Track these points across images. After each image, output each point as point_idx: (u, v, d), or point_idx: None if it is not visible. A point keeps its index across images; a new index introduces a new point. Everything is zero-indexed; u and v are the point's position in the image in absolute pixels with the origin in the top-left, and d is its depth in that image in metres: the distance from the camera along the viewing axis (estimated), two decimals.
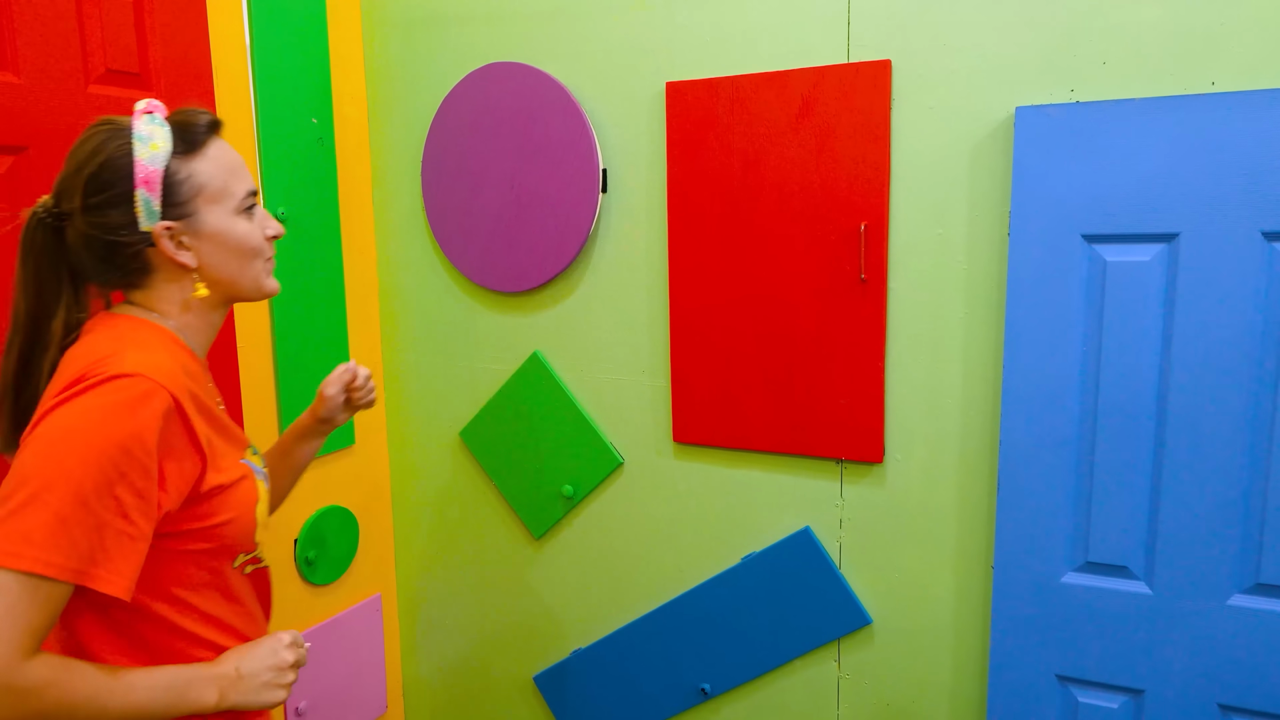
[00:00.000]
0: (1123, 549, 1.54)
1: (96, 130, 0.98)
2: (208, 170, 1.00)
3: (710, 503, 1.93)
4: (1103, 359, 1.51)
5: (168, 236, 0.97)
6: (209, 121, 1.02)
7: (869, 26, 1.64)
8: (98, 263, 0.98)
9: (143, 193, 0.95)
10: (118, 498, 0.87)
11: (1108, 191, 1.48)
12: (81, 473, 0.85)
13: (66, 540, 0.84)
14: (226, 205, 1.02)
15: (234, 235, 1.02)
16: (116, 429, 0.87)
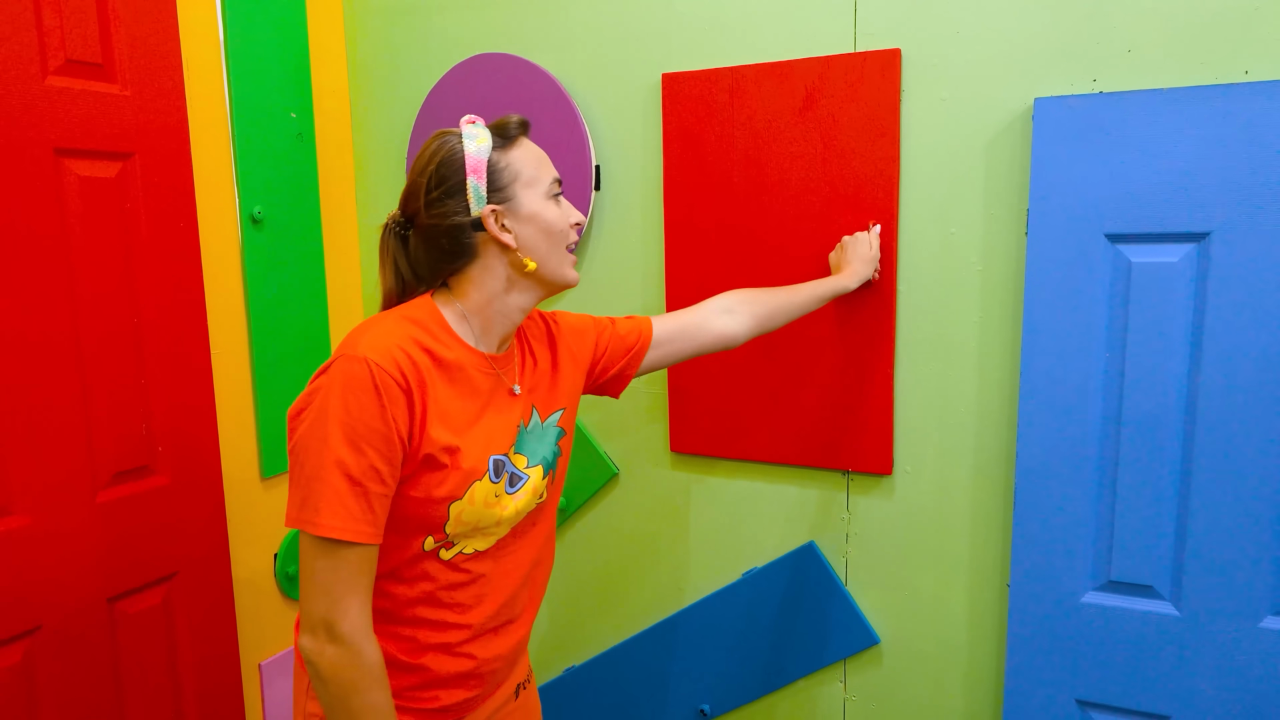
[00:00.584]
0: (1147, 567, 1.45)
1: (432, 141, 1.12)
2: (521, 158, 1.12)
3: (710, 515, 1.84)
4: (1127, 366, 1.42)
5: (493, 218, 1.10)
6: (519, 121, 1.14)
7: (877, 13, 1.55)
8: (437, 253, 1.11)
9: (473, 180, 1.08)
10: (374, 467, 1.01)
11: (1133, 188, 1.39)
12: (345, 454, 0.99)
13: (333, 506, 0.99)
14: (538, 190, 1.13)
15: (545, 216, 1.13)
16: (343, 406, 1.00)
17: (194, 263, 1.69)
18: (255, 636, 1.90)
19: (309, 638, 1.02)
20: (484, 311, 1.14)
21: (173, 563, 1.69)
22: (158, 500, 1.65)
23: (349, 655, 1.02)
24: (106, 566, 1.57)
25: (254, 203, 1.81)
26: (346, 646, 1.01)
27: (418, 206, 1.11)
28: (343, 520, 1.00)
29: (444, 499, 1.08)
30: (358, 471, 1.00)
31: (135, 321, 1.60)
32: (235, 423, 1.82)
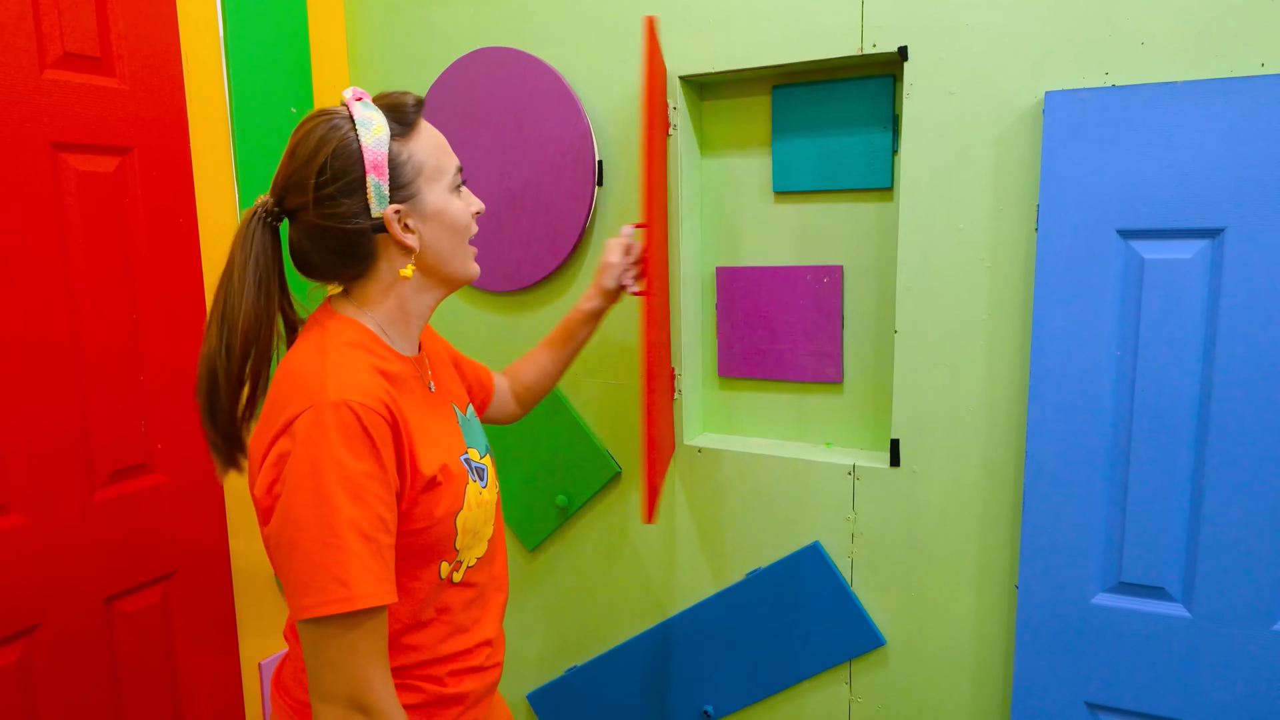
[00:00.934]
0: (1159, 569, 1.42)
1: (315, 122, 0.97)
2: (424, 149, 1.00)
3: (713, 514, 1.82)
4: (1139, 364, 1.40)
5: (396, 220, 0.98)
6: (415, 101, 1.01)
7: (883, 6, 1.53)
8: (329, 256, 0.98)
9: (373, 178, 0.95)
10: (380, 518, 0.91)
11: (1146, 183, 1.36)
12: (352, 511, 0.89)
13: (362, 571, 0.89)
14: (442, 183, 1.02)
15: (450, 212, 1.02)
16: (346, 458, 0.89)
17: (193, 259, 1.68)
18: (255, 635, 1.88)
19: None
20: (399, 318, 1.04)
21: (171, 561, 1.68)
22: (156, 498, 1.64)
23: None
24: (105, 565, 1.56)
25: (253, 198, 1.79)
26: (381, 713, 0.92)
27: (303, 201, 0.96)
28: (373, 585, 0.89)
29: (446, 515, 1.02)
30: (369, 528, 0.89)
31: (134, 318, 1.58)
32: None
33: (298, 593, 0.88)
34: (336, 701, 0.90)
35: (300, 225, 0.99)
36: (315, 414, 0.89)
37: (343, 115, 0.97)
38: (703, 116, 1.83)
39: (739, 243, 1.83)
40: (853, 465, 1.67)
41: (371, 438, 0.91)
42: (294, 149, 0.97)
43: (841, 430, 1.79)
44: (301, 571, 0.88)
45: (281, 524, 0.89)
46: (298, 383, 0.93)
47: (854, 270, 1.73)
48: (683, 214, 1.78)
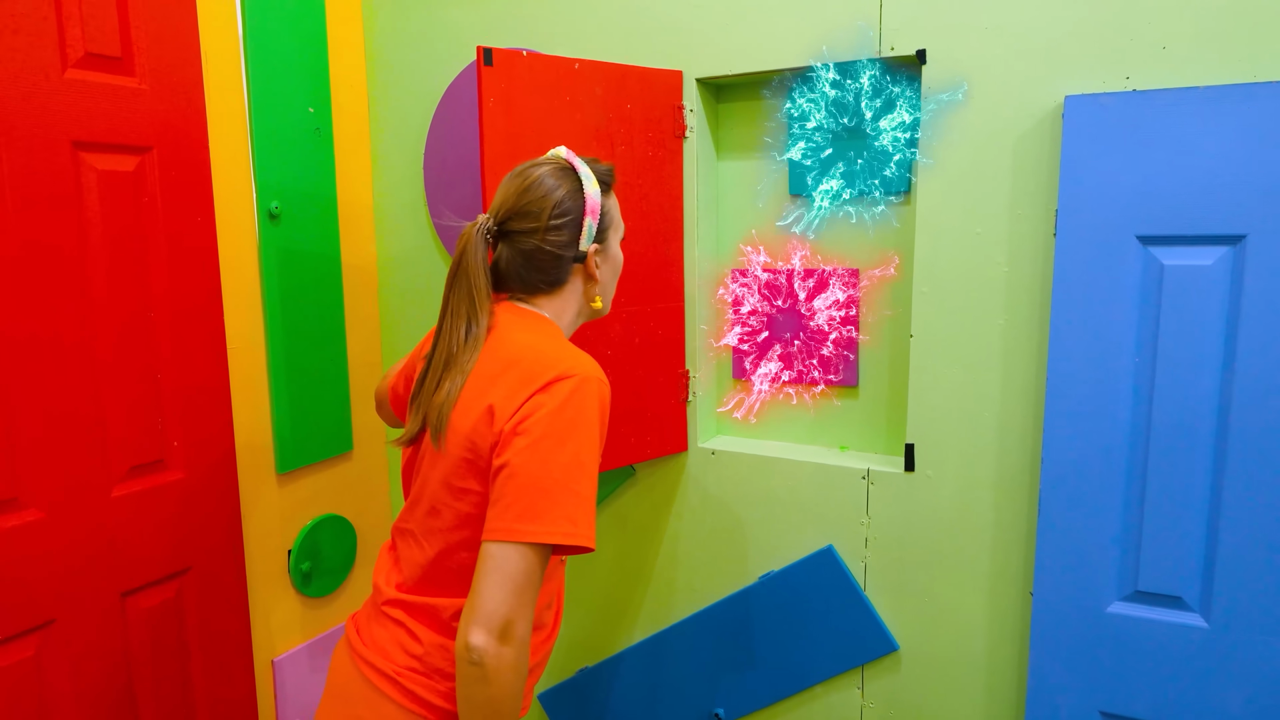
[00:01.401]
0: (1176, 578, 1.41)
1: (549, 167, 1.21)
2: (615, 208, 1.27)
3: (728, 517, 1.82)
4: (1157, 371, 1.39)
5: (596, 256, 1.22)
6: (610, 169, 1.27)
7: (902, 9, 1.52)
8: (534, 272, 1.20)
9: (589, 220, 1.20)
10: (593, 477, 1.08)
11: (1166, 189, 1.35)
12: (589, 464, 1.07)
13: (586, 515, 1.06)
14: (619, 235, 1.29)
15: (619, 259, 1.30)
16: (593, 423, 1.08)
17: (211, 257, 1.69)
18: (268, 632, 1.89)
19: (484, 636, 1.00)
20: (568, 330, 1.26)
21: (186, 558, 1.69)
22: (172, 495, 1.65)
23: (519, 659, 1.03)
24: (120, 561, 1.57)
25: (271, 198, 1.80)
26: (519, 650, 1.03)
27: (532, 227, 1.18)
28: (591, 531, 1.06)
29: None
30: (594, 485, 1.08)
31: (151, 316, 1.59)
32: (250, 418, 1.81)
33: (527, 518, 1.02)
34: (486, 619, 1.01)
35: (516, 245, 1.20)
36: (580, 384, 1.08)
37: (571, 169, 1.22)
38: (719, 119, 1.83)
39: (755, 246, 1.82)
40: (867, 469, 1.66)
41: (605, 415, 1.12)
42: (527, 186, 1.19)
43: (856, 434, 1.79)
44: (536, 503, 1.03)
45: (528, 459, 1.04)
46: (548, 354, 1.12)
47: (871, 274, 1.72)
48: (698, 216, 1.78)
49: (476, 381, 1.12)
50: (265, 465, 1.86)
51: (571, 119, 1.60)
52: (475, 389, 1.12)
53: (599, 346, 1.69)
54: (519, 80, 1.52)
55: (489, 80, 1.48)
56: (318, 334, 1.94)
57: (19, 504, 1.42)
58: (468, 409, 1.11)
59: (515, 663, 1.02)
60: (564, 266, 1.21)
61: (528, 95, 1.53)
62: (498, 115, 1.50)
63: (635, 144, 1.69)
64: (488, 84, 1.48)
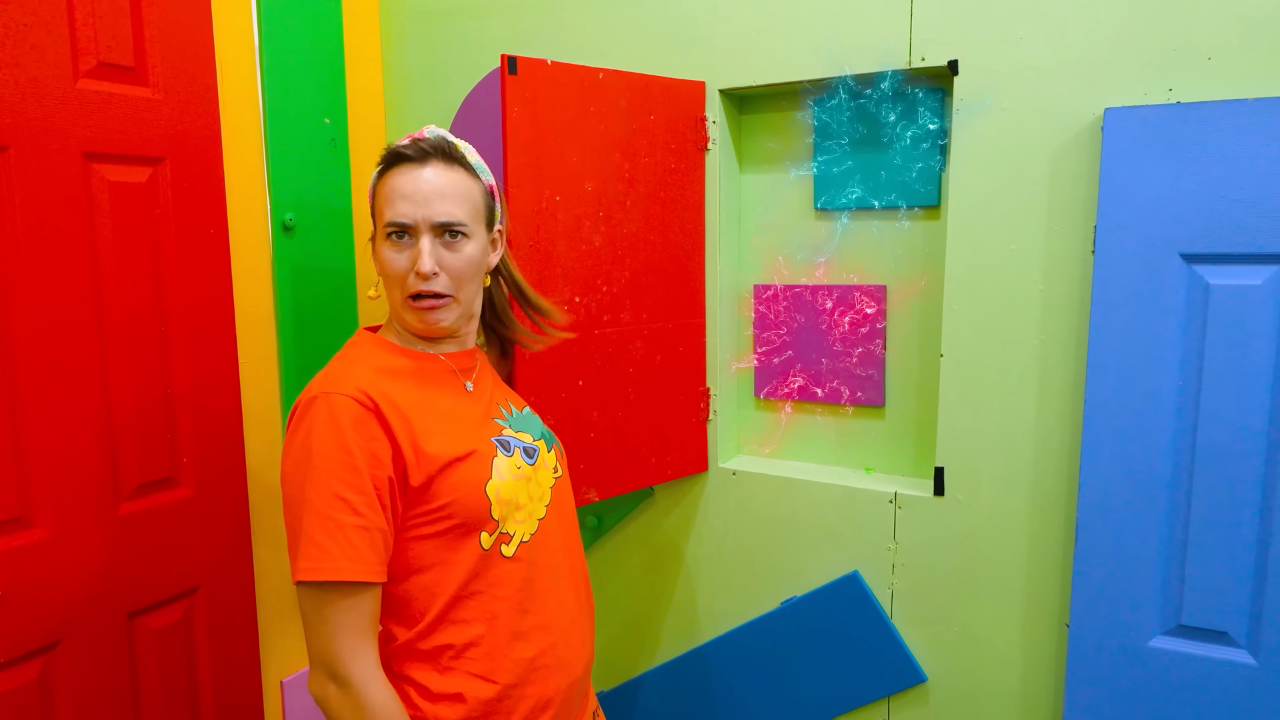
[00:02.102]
0: (1222, 612, 1.35)
1: None
2: (384, 191, 1.13)
3: (750, 539, 1.77)
4: (1202, 395, 1.33)
5: (372, 244, 1.16)
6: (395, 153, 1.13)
7: (933, 18, 1.47)
8: None
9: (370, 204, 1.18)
10: (343, 498, 1.01)
11: (1212, 205, 1.29)
12: (312, 491, 1.01)
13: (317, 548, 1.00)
14: (379, 230, 1.15)
15: (378, 256, 1.15)
16: (321, 445, 1.02)
17: (224, 270, 1.65)
18: (278, 653, 1.85)
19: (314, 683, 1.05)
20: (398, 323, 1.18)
21: (195, 577, 1.65)
22: (181, 513, 1.61)
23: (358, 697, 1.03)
24: (127, 580, 1.53)
25: (286, 210, 1.77)
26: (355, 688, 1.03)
27: None
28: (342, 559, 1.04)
29: (474, 486, 1.09)
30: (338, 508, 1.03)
31: (162, 330, 1.56)
32: (261, 434, 1.78)
33: (291, 559, 1.03)
34: (317, 665, 1.03)
35: None
36: (305, 408, 1.06)
37: None
38: (742, 131, 1.78)
39: (778, 260, 1.78)
40: (894, 493, 1.61)
41: (345, 425, 1.02)
42: None
43: (882, 456, 1.73)
44: (292, 543, 1.03)
45: (283, 500, 1.06)
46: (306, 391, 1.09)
47: (898, 290, 1.67)
48: (720, 230, 1.74)
49: None
50: (276, 482, 1.82)
51: (595, 130, 1.56)
52: None
53: (620, 364, 1.65)
54: (542, 89, 1.48)
55: (513, 89, 1.44)
56: (331, 348, 1.90)
57: (24, 523, 1.39)
58: None
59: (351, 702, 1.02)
60: None
61: (551, 105, 1.50)
62: (521, 125, 1.46)
63: (657, 155, 1.65)
64: (512, 93, 1.44)
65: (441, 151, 1.13)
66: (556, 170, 1.50)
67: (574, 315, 1.58)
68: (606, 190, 1.59)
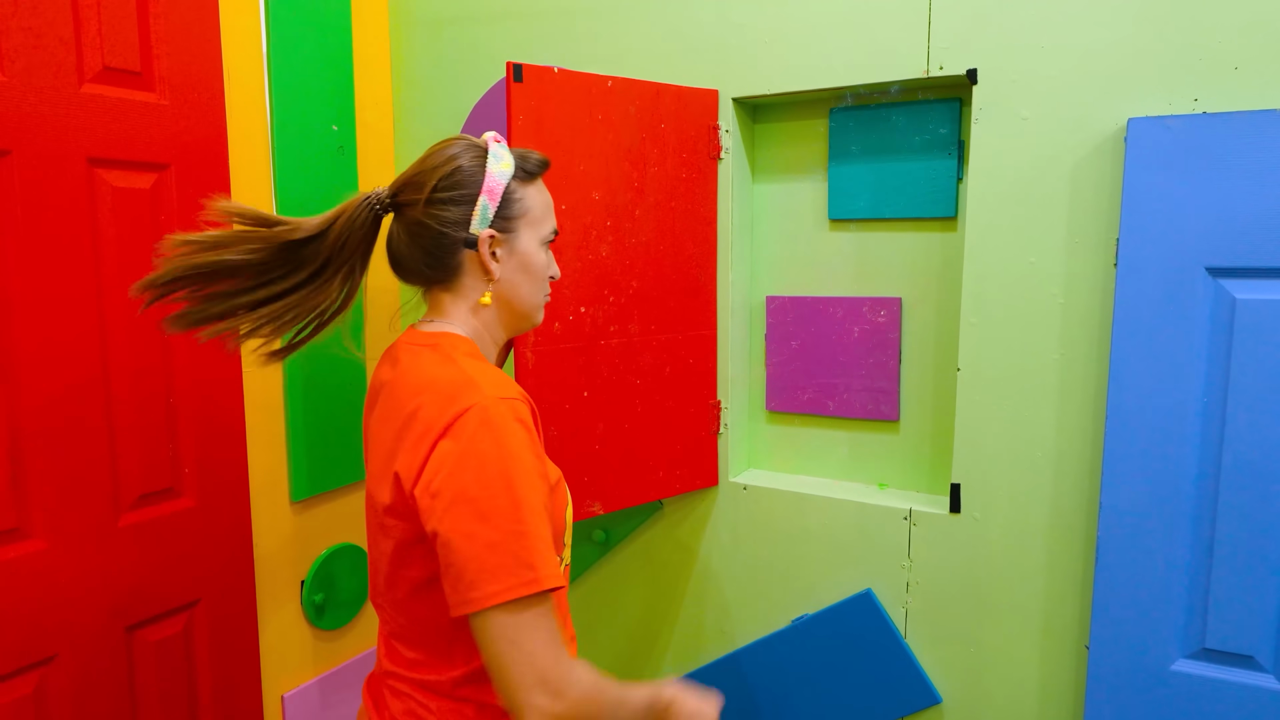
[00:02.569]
0: (1248, 635, 1.31)
1: (455, 140, 1.09)
2: (535, 197, 1.11)
3: (760, 555, 1.73)
4: (1228, 411, 1.29)
5: (489, 243, 1.07)
6: (541, 160, 1.12)
7: (952, 27, 1.45)
8: (419, 253, 1.08)
9: (484, 199, 1.05)
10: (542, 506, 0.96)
11: (1238, 217, 1.26)
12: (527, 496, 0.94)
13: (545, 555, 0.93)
14: (539, 231, 1.11)
15: (536, 261, 1.11)
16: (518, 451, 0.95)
17: None
18: (279, 668, 1.82)
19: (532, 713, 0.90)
20: (484, 338, 1.12)
21: (196, 589, 1.62)
22: (182, 524, 1.59)
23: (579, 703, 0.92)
24: (126, 593, 1.51)
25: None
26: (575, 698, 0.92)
27: (416, 198, 1.06)
28: (553, 568, 0.94)
29: (563, 505, 1.08)
30: (540, 515, 0.95)
31: (164, 338, 1.54)
32: (265, 444, 1.75)
33: (483, 581, 0.90)
34: (529, 690, 0.91)
35: (404, 220, 1.07)
36: (480, 412, 0.95)
37: (479, 145, 1.08)
38: (755, 140, 1.76)
39: (791, 271, 1.75)
40: (909, 509, 1.57)
41: (530, 432, 0.98)
42: (428, 155, 1.08)
43: (896, 471, 1.70)
44: (484, 563, 0.91)
45: (456, 521, 0.92)
46: (445, 390, 0.99)
47: (913, 303, 1.64)
48: (732, 240, 1.71)
49: (381, 444, 1.02)
50: (279, 493, 1.79)
51: (604, 139, 1.53)
52: (381, 454, 1.02)
53: (627, 376, 1.62)
54: (550, 98, 1.46)
55: (518, 97, 1.42)
56: (335, 357, 1.88)
57: (21, 534, 1.36)
58: (380, 481, 1.02)
59: (579, 711, 0.92)
60: (453, 250, 1.06)
61: (558, 113, 1.47)
62: (527, 134, 1.43)
63: (668, 165, 1.62)
64: (517, 101, 1.42)
65: None
66: (563, 179, 1.48)
67: (579, 326, 1.55)
68: (615, 200, 1.57)
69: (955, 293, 1.58)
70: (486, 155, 1.07)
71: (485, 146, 1.08)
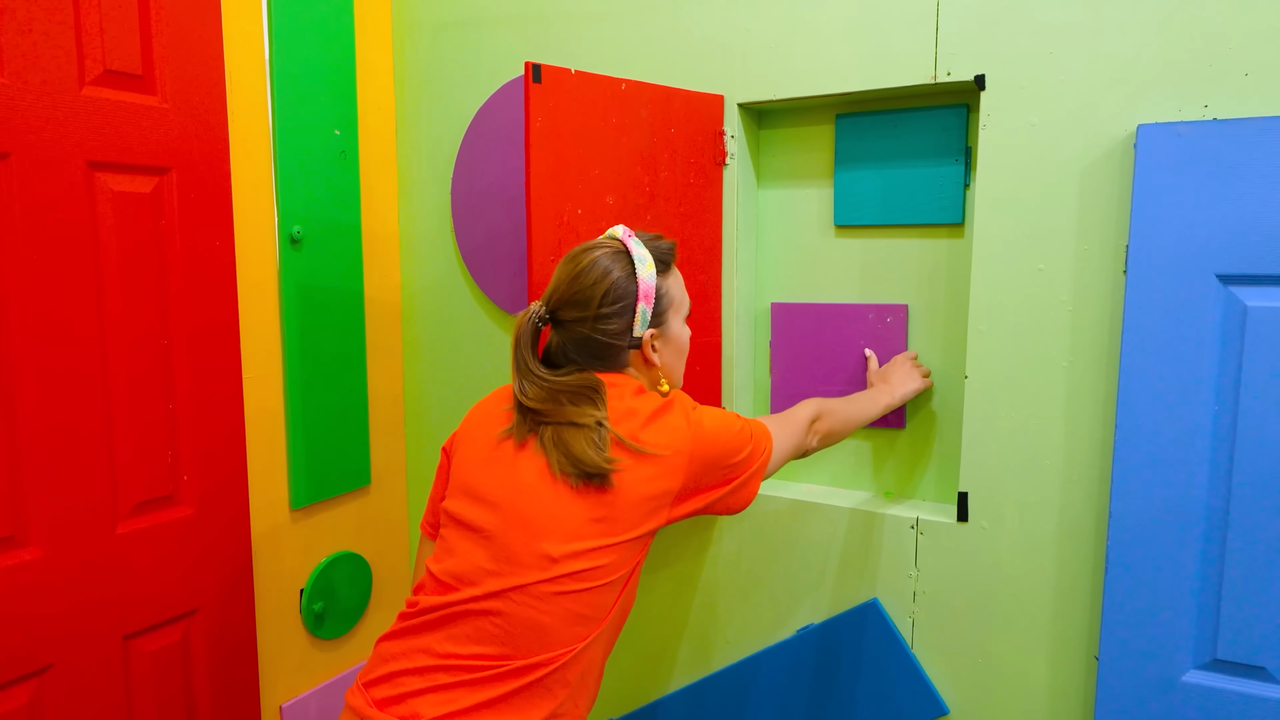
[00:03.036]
0: (1261, 646, 1.29)
1: (601, 251, 1.18)
2: (675, 286, 1.24)
3: (765, 564, 1.71)
4: (1240, 419, 1.28)
5: (650, 340, 1.21)
6: (670, 247, 1.24)
7: (960, 32, 1.44)
8: (586, 358, 1.20)
9: (643, 305, 1.18)
10: None
11: (1250, 225, 1.25)
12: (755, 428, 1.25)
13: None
14: (682, 314, 1.26)
15: (683, 339, 1.27)
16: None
17: (229, 284, 1.62)
18: (277, 677, 1.80)
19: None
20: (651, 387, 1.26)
21: (194, 598, 1.60)
22: (181, 532, 1.57)
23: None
24: (124, 602, 1.49)
25: (293, 222, 1.74)
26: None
27: (583, 316, 1.17)
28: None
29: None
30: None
31: (165, 343, 1.52)
32: (265, 452, 1.73)
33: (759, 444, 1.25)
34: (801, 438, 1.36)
35: (569, 333, 1.19)
36: (678, 395, 1.21)
37: (623, 252, 1.18)
38: (760, 146, 1.75)
39: (797, 278, 1.74)
40: (916, 518, 1.56)
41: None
42: (580, 271, 1.17)
43: (903, 480, 1.68)
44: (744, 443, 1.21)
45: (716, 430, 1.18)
46: (647, 394, 1.20)
47: (920, 310, 1.63)
48: (737, 247, 1.70)
49: None
50: (279, 500, 1.77)
51: (618, 142, 1.52)
52: None
53: None
54: (566, 99, 1.44)
55: (537, 98, 1.40)
56: (338, 364, 1.86)
57: (17, 542, 1.35)
58: None
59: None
60: (620, 353, 1.20)
61: (574, 116, 1.46)
62: (546, 135, 1.41)
63: (677, 170, 1.61)
64: (536, 102, 1.39)
65: None
66: (579, 183, 1.46)
67: None
68: (627, 204, 1.55)
69: (963, 300, 1.57)
70: (632, 261, 1.17)
71: (627, 250, 1.18)
